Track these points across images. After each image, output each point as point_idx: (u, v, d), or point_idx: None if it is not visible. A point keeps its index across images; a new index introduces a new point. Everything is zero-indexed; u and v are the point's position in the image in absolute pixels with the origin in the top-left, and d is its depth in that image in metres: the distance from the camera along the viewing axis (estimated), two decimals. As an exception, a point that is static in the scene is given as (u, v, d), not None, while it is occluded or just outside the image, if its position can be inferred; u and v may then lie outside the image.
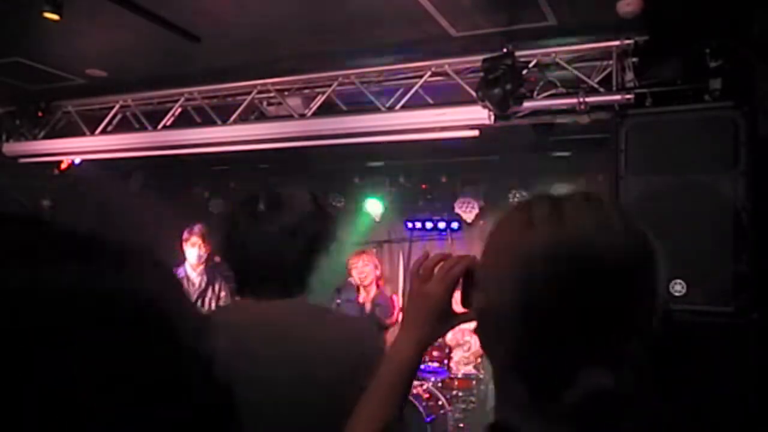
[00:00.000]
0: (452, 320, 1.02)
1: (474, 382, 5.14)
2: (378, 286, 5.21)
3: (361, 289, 5.14)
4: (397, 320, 5.01)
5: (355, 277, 5.10)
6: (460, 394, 5.10)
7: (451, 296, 1.00)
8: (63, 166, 5.39)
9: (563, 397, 0.72)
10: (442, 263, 1.01)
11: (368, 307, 5.04)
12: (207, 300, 4.75)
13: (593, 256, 0.74)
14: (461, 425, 5.00)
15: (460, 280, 0.99)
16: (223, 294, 4.82)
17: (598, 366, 0.73)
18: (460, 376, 5.16)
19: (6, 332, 0.45)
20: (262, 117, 4.42)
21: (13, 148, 5.00)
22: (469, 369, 5.23)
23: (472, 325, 0.88)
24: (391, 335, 5.17)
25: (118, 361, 0.52)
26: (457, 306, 1.00)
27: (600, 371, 0.72)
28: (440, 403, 4.90)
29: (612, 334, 0.74)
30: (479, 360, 5.35)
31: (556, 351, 0.75)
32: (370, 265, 5.14)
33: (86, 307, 0.50)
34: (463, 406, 5.07)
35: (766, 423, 2.54)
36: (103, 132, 4.72)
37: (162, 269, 0.62)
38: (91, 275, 0.53)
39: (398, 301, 5.22)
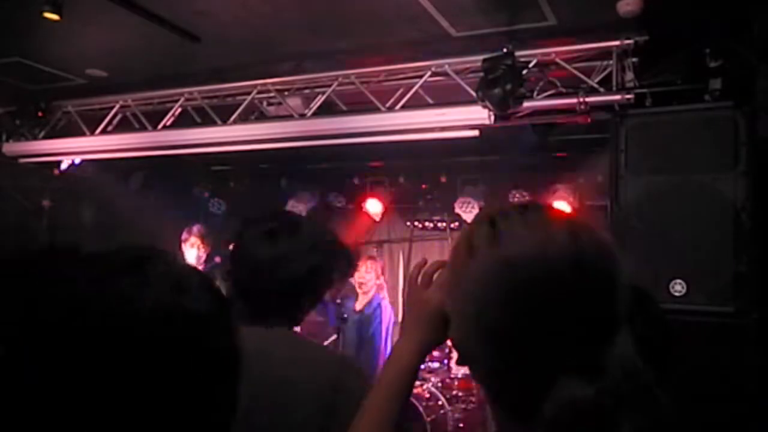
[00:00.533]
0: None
1: (474, 382, 5.14)
2: (376, 294, 5.19)
3: (360, 294, 5.13)
4: (384, 333, 5.00)
5: (355, 279, 5.09)
6: (460, 394, 5.11)
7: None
8: (63, 166, 5.39)
9: (542, 412, 0.72)
10: (441, 269, 1.02)
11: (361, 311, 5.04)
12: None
13: (531, 273, 0.74)
14: (461, 425, 5.00)
15: None
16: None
17: (571, 377, 0.72)
18: (460, 376, 5.16)
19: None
20: (262, 117, 4.42)
21: (13, 148, 4.99)
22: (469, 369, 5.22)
23: None
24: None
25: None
26: None
27: (574, 382, 0.72)
28: (440, 403, 4.91)
29: (574, 343, 0.74)
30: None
31: (521, 371, 0.75)
32: (372, 272, 5.13)
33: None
34: (463, 406, 5.07)
35: (766, 423, 2.54)
36: (103, 132, 4.72)
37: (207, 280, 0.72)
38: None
39: (389, 310, 5.17)
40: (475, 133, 3.64)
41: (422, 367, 1.07)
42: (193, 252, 4.76)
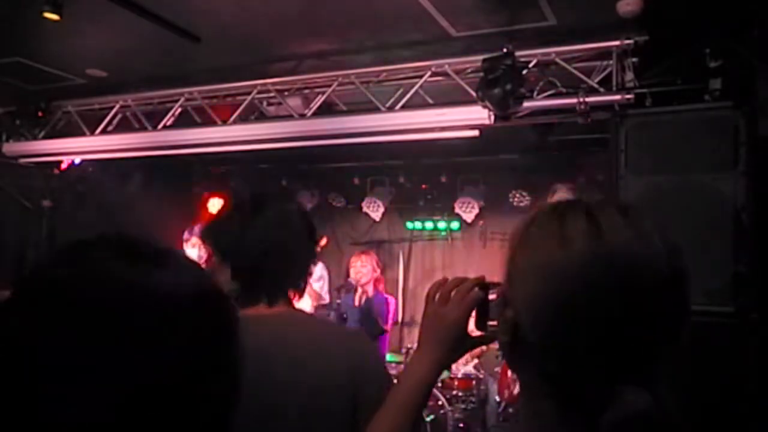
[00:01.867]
0: (468, 343, 1.03)
1: (474, 382, 5.15)
2: (375, 287, 5.20)
3: (359, 289, 5.14)
4: (391, 325, 5.00)
5: (353, 277, 5.10)
6: (460, 394, 5.10)
7: (467, 320, 1.00)
8: (63, 166, 5.39)
9: (599, 418, 0.71)
10: (458, 287, 1.01)
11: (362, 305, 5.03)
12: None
13: (635, 272, 0.73)
14: (461, 425, 5.00)
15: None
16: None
17: (634, 385, 0.71)
18: (460, 376, 5.16)
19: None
20: (262, 117, 4.42)
21: (13, 148, 5.00)
22: (469, 369, 5.23)
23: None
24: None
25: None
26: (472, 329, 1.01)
27: (637, 390, 0.71)
28: (440, 403, 4.91)
29: (650, 352, 0.74)
30: (479, 360, 5.35)
31: (591, 369, 0.73)
32: (368, 266, 5.13)
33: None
34: (463, 406, 5.06)
35: (766, 423, 2.54)
36: (103, 132, 4.72)
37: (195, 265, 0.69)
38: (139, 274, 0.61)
39: (393, 303, 5.20)
40: (475, 133, 3.64)
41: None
42: (194, 252, 4.77)
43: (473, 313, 0.99)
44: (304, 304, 4.34)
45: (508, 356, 0.85)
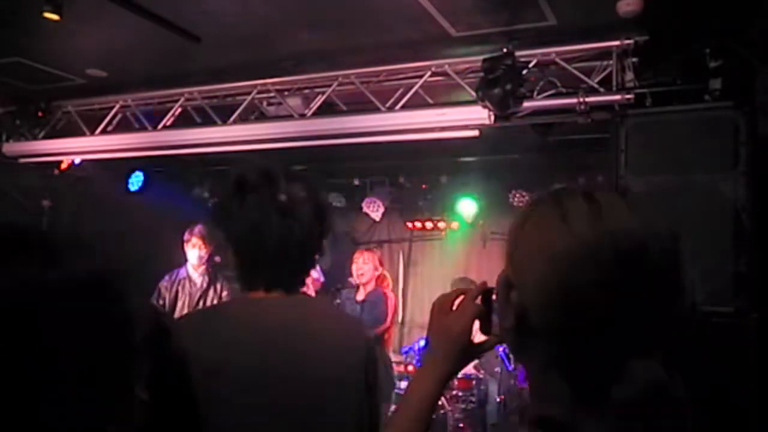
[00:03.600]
0: (473, 351, 1.03)
1: (474, 382, 5.14)
2: (377, 284, 5.20)
3: (360, 287, 5.13)
4: (390, 320, 4.99)
5: (354, 274, 5.10)
6: (460, 394, 5.10)
7: (471, 329, 1.01)
8: (63, 166, 5.39)
9: (613, 393, 0.72)
10: (462, 297, 1.02)
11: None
12: (209, 300, 4.76)
13: (639, 252, 0.74)
14: (461, 425, 5.00)
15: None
16: (224, 294, 4.82)
17: (646, 359, 0.73)
18: (460, 376, 5.16)
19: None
20: (262, 117, 4.42)
21: (13, 148, 4.99)
22: (469, 369, 5.23)
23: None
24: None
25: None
26: (477, 335, 1.02)
27: (650, 364, 0.73)
28: (440, 403, 4.90)
29: (656, 330, 0.76)
30: (479, 360, 5.35)
31: (600, 347, 0.75)
32: (369, 264, 5.12)
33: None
34: (463, 406, 5.06)
35: (766, 423, 2.54)
36: (103, 132, 4.72)
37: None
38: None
39: (392, 298, 5.18)
40: (475, 133, 3.64)
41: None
42: (195, 252, 4.77)
43: (477, 321, 1.00)
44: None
45: (513, 343, 0.86)
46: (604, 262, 0.74)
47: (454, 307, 1.02)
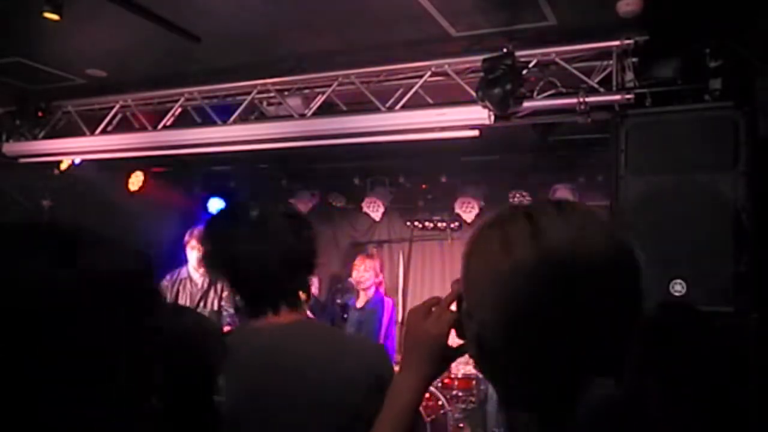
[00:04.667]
0: (450, 356, 1.04)
1: (474, 382, 5.15)
2: (377, 290, 5.20)
3: (360, 292, 5.15)
4: (388, 322, 5.00)
5: (354, 278, 5.11)
6: (460, 394, 5.11)
7: (447, 333, 1.01)
8: (63, 166, 5.39)
9: (575, 413, 0.72)
10: (438, 303, 1.03)
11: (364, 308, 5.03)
12: (210, 300, 4.75)
13: (573, 270, 0.74)
14: (461, 425, 5.01)
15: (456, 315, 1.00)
16: (225, 294, 4.81)
17: (599, 375, 0.73)
18: (460, 376, 5.16)
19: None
20: (262, 117, 4.42)
21: (13, 148, 4.99)
22: (469, 369, 5.23)
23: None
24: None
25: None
26: (454, 340, 1.01)
27: (601, 380, 0.72)
28: (440, 403, 4.91)
29: (604, 341, 0.74)
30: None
31: (553, 369, 0.75)
32: (370, 271, 5.14)
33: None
34: (463, 406, 5.07)
35: (766, 423, 2.54)
36: (103, 132, 4.71)
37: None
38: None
39: (390, 303, 5.19)
40: (475, 133, 3.64)
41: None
42: (195, 254, 4.77)
43: (454, 326, 0.99)
44: None
45: (480, 368, 0.88)
46: (541, 284, 0.74)
47: (432, 312, 1.02)
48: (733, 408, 2.59)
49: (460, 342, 0.99)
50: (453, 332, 1.00)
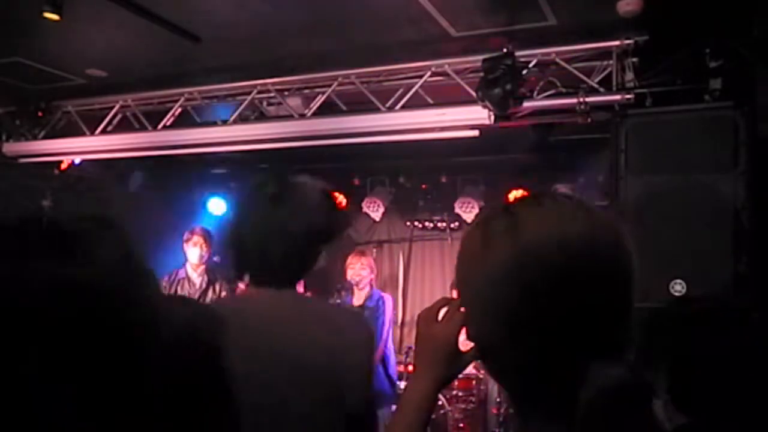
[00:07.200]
0: (462, 360, 1.02)
1: (474, 382, 5.15)
2: (372, 288, 5.21)
3: (355, 290, 5.14)
4: (388, 320, 5.00)
5: (350, 277, 5.10)
6: (460, 394, 5.11)
7: (457, 337, 1.00)
8: (63, 166, 5.39)
9: (575, 401, 0.72)
10: (448, 305, 1.02)
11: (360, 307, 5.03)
12: (208, 301, 4.76)
13: (552, 262, 0.74)
14: (461, 425, 5.01)
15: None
16: (223, 294, 4.82)
17: (600, 360, 0.72)
18: (460, 376, 5.15)
19: None
20: (262, 117, 4.42)
21: (13, 148, 4.99)
22: (469, 369, 5.23)
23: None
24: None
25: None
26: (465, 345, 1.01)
27: (605, 363, 0.72)
28: (440, 403, 4.91)
29: (598, 330, 0.75)
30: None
31: (545, 358, 0.75)
32: (366, 269, 5.13)
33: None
34: (463, 406, 5.07)
35: (766, 424, 2.54)
36: (103, 132, 4.71)
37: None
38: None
39: (390, 301, 5.19)
40: (475, 133, 3.64)
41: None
42: (195, 252, 4.77)
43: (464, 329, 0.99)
44: None
45: (486, 369, 0.88)
46: (523, 280, 0.74)
47: (440, 317, 1.02)
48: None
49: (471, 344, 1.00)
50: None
